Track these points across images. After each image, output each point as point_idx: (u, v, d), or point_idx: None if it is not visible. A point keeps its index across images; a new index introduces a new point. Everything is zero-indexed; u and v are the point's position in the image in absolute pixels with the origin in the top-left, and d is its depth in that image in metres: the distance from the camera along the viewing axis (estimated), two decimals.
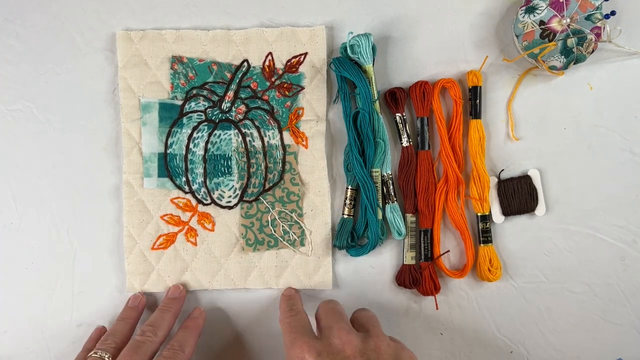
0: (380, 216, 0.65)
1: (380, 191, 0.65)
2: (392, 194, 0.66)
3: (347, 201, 0.66)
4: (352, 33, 0.64)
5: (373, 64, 0.65)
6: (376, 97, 0.64)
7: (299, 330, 0.57)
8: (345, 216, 0.66)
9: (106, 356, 0.56)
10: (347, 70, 0.64)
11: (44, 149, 0.67)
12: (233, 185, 0.66)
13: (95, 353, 0.56)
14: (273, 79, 0.66)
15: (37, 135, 0.67)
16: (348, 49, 0.64)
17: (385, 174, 0.66)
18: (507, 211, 0.67)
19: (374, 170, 0.65)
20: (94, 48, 0.67)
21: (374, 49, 0.64)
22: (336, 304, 0.61)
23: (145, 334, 0.59)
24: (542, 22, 0.63)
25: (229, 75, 0.66)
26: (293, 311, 0.60)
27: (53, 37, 0.67)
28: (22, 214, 0.67)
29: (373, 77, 0.64)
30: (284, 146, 0.66)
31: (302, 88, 0.66)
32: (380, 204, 0.65)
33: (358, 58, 0.64)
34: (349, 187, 0.66)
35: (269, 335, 0.68)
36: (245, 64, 0.66)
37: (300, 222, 0.66)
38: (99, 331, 0.64)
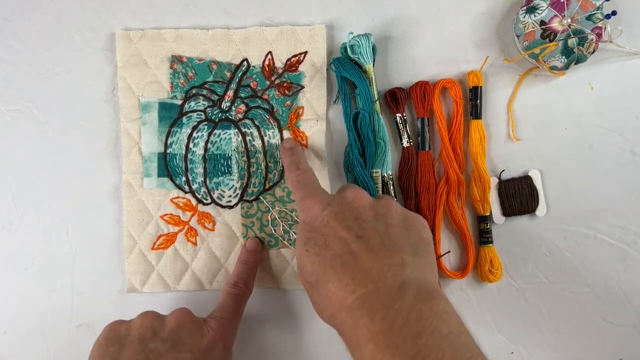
0: None
1: (380, 192, 0.65)
2: (393, 194, 0.65)
3: None
4: (352, 33, 0.64)
5: (373, 64, 0.64)
6: (376, 98, 0.64)
7: (308, 185, 0.56)
8: None
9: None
10: (347, 70, 0.63)
11: (43, 149, 0.67)
12: (233, 185, 0.66)
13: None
14: (273, 78, 0.66)
15: (36, 136, 0.67)
16: (348, 49, 0.64)
17: (385, 175, 0.65)
18: (508, 212, 0.66)
19: (374, 170, 0.65)
20: (93, 48, 0.67)
21: (374, 49, 0.64)
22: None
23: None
24: (542, 22, 0.63)
25: (228, 74, 0.66)
26: (300, 170, 0.58)
27: (52, 37, 0.67)
28: (21, 215, 0.67)
29: (373, 78, 0.64)
30: None
31: (302, 87, 0.66)
32: None
33: (358, 58, 0.64)
34: None
35: (271, 335, 0.67)
36: (245, 63, 0.66)
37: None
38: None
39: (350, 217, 0.50)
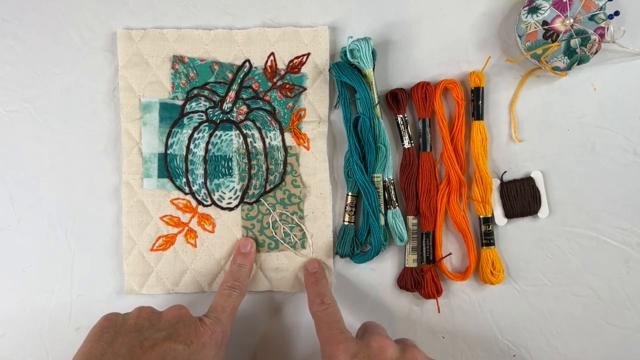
0: (382, 222, 0.65)
1: (381, 197, 0.65)
2: (394, 199, 0.65)
3: (348, 208, 0.66)
4: (351, 37, 0.64)
5: (373, 69, 0.64)
6: (377, 102, 0.64)
7: (333, 325, 0.57)
8: (346, 223, 0.66)
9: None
10: (346, 75, 0.63)
11: (42, 150, 0.67)
12: (234, 187, 0.66)
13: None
14: (275, 80, 0.66)
15: (35, 137, 0.67)
16: (348, 53, 0.63)
17: (386, 179, 0.65)
18: (510, 213, 0.66)
19: (375, 175, 0.65)
20: (92, 48, 0.67)
21: (373, 53, 0.64)
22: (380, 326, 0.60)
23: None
24: (545, 23, 0.63)
25: (230, 75, 0.66)
26: (325, 305, 0.59)
27: (51, 38, 0.66)
28: (20, 216, 0.67)
29: (373, 82, 0.64)
30: (285, 147, 0.66)
31: (304, 89, 0.66)
32: (382, 210, 0.65)
33: (358, 62, 0.64)
34: (349, 193, 0.66)
35: (270, 338, 0.67)
36: (247, 64, 0.66)
37: (301, 225, 0.66)
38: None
39: None
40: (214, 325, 0.57)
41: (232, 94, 0.66)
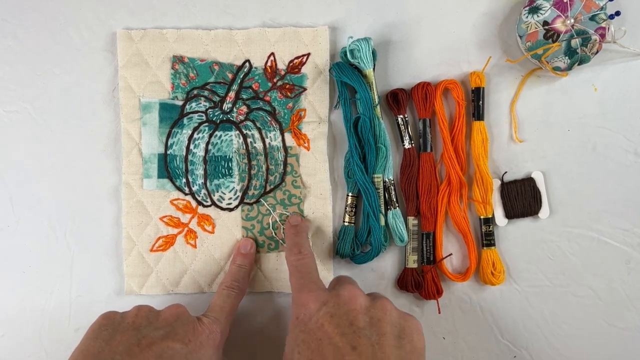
0: (382, 222, 0.65)
1: (382, 197, 0.65)
2: (394, 199, 0.65)
3: (348, 208, 0.66)
4: (351, 37, 0.64)
5: (373, 69, 0.64)
6: (377, 102, 0.64)
7: (306, 276, 0.58)
8: (346, 224, 0.66)
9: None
10: (347, 75, 0.63)
11: (41, 150, 0.67)
12: (234, 187, 0.66)
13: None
14: (275, 80, 0.66)
15: (34, 137, 0.66)
16: (348, 53, 0.63)
17: (387, 180, 0.65)
18: (511, 214, 0.66)
19: (375, 176, 0.64)
20: (92, 48, 0.66)
21: (374, 53, 0.64)
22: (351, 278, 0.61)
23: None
24: (545, 23, 0.63)
25: (230, 75, 0.66)
26: (301, 254, 0.60)
27: (51, 38, 0.66)
28: (19, 217, 0.67)
29: (374, 82, 0.64)
30: (285, 148, 0.66)
31: (305, 89, 0.66)
32: (383, 210, 0.65)
33: (358, 63, 0.63)
34: (350, 194, 0.66)
35: (270, 339, 0.67)
36: (247, 64, 0.66)
37: (305, 224, 0.65)
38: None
39: (346, 322, 0.51)
40: (212, 325, 0.57)
41: (232, 94, 0.66)
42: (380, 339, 0.50)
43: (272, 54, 0.65)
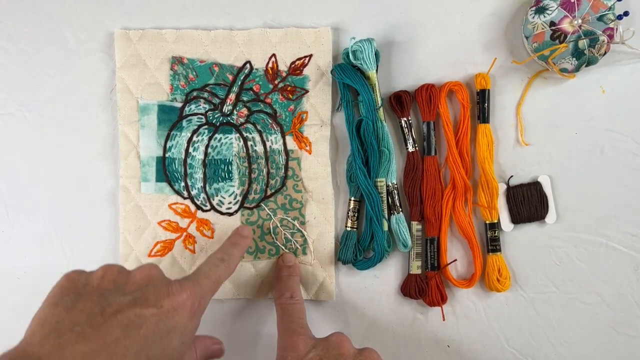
0: (385, 227, 0.64)
1: (385, 202, 0.64)
2: (398, 204, 0.65)
3: (350, 213, 0.65)
4: (354, 38, 0.63)
5: (376, 70, 0.64)
6: (380, 104, 0.64)
7: (296, 320, 0.58)
8: (349, 229, 0.65)
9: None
10: (349, 77, 0.63)
11: (36, 154, 0.66)
12: (233, 191, 0.65)
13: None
14: (276, 82, 0.65)
15: (29, 140, 0.66)
16: (350, 54, 0.63)
17: (390, 184, 0.65)
18: (517, 219, 0.66)
19: (378, 180, 0.64)
20: (88, 49, 0.66)
21: (377, 54, 0.63)
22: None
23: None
24: (552, 23, 0.62)
25: (230, 77, 0.65)
26: (293, 299, 0.60)
27: (46, 38, 0.66)
28: (13, 222, 0.66)
29: (376, 84, 0.63)
30: (286, 151, 0.65)
31: (306, 91, 0.65)
32: (386, 215, 0.64)
33: (361, 64, 0.63)
34: (352, 198, 0.65)
35: (270, 347, 0.66)
36: (248, 65, 0.65)
37: (303, 231, 0.65)
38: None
39: None
40: (191, 288, 0.50)
41: (232, 96, 0.65)
42: None
43: (274, 55, 0.65)
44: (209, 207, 0.66)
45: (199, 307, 0.51)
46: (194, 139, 0.65)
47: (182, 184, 0.65)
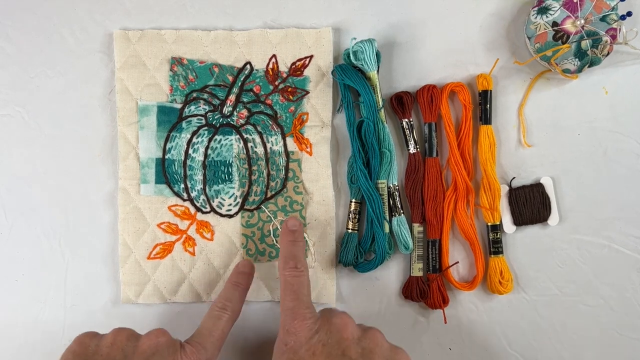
0: (387, 229, 0.64)
1: (386, 203, 0.64)
2: (399, 206, 0.64)
3: (352, 215, 0.65)
4: (355, 39, 0.63)
5: (377, 71, 0.63)
6: (381, 105, 0.63)
7: (300, 297, 0.56)
8: (350, 231, 0.65)
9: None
10: (350, 78, 0.62)
11: (34, 155, 0.66)
12: (234, 193, 0.65)
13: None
14: (277, 83, 0.65)
15: (27, 141, 0.66)
16: (351, 55, 0.63)
17: (391, 186, 0.64)
18: (519, 221, 0.65)
19: (379, 181, 0.64)
20: (87, 50, 0.66)
21: (378, 55, 0.63)
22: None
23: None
24: (555, 23, 0.62)
25: (230, 78, 0.65)
26: (297, 270, 0.57)
27: (44, 39, 0.66)
28: (11, 224, 0.66)
29: (377, 85, 0.63)
30: (287, 153, 0.65)
31: (307, 92, 0.65)
32: (387, 217, 0.64)
33: (362, 65, 0.63)
34: (353, 200, 0.65)
35: (269, 350, 0.65)
36: (248, 66, 0.65)
37: (303, 232, 0.64)
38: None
39: (338, 351, 0.51)
40: (196, 355, 0.54)
41: (232, 97, 0.65)
42: None
43: (274, 56, 0.65)
44: (208, 209, 0.65)
45: None
46: (194, 140, 0.65)
47: (182, 185, 0.65)
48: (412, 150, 0.64)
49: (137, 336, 0.54)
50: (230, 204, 0.65)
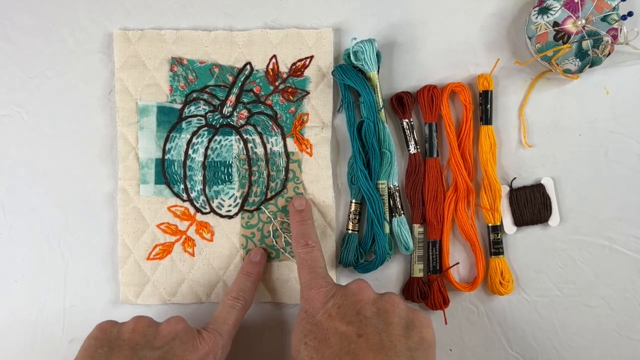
0: (387, 230, 0.64)
1: (386, 204, 0.64)
2: (399, 206, 0.64)
3: (352, 215, 0.65)
4: (355, 39, 0.63)
5: (378, 71, 0.63)
6: (381, 106, 0.63)
7: (315, 270, 0.57)
8: (350, 231, 0.65)
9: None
10: (350, 78, 0.62)
11: (34, 155, 0.66)
12: (233, 194, 0.65)
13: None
14: (277, 83, 0.65)
15: (27, 142, 0.66)
16: (351, 55, 0.63)
17: (391, 186, 0.64)
18: (520, 221, 0.65)
19: (380, 182, 0.64)
20: (87, 50, 0.66)
21: (378, 55, 0.63)
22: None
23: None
24: (556, 24, 0.62)
25: (230, 78, 0.65)
26: (309, 246, 0.59)
27: (44, 39, 0.65)
28: (11, 224, 0.66)
29: (378, 85, 0.63)
30: (287, 153, 0.65)
31: (307, 93, 0.65)
32: (387, 218, 0.64)
33: (362, 65, 0.63)
34: (353, 200, 0.65)
35: (270, 351, 0.66)
36: (248, 66, 0.65)
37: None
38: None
39: (353, 311, 0.52)
40: (213, 340, 0.56)
41: (232, 97, 0.65)
42: (388, 328, 0.51)
43: (274, 56, 0.65)
44: (208, 209, 0.65)
45: (222, 355, 0.56)
46: (194, 140, 0.65)
47: (182, 186, 0.65)
48: (412, 150, 0.64)
49: (156, 323, 0.56)
50: (230, 205, 0.65)
